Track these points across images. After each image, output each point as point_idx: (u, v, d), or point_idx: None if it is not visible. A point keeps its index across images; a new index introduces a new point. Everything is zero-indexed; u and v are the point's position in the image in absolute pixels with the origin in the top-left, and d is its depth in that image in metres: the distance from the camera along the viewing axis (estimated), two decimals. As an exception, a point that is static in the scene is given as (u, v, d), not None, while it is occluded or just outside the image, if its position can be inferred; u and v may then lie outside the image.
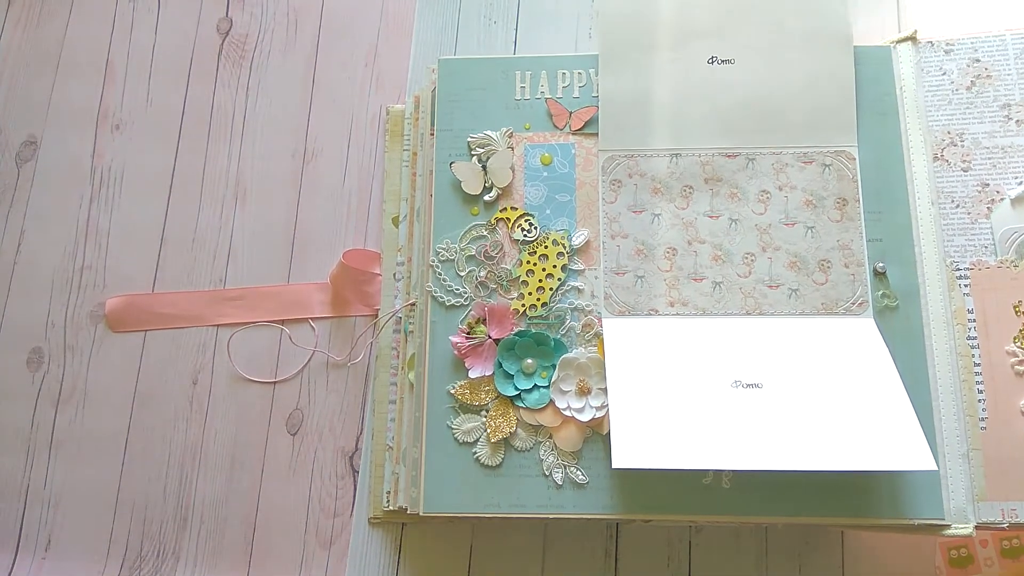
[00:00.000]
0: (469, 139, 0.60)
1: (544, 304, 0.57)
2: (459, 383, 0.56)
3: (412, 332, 0.61)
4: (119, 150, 0.73)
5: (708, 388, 0.52)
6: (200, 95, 0.73)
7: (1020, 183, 0.57)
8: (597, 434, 0.54)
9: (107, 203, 0.72)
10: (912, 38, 0.60)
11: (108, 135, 0.73)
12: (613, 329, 0.55)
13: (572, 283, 0.58)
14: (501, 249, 0.59)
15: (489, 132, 0.60)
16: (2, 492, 0.67)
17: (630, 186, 0.58)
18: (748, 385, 0.52)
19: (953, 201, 0.57)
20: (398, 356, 0.63)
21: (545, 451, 0.55)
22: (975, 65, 0.59)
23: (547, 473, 0.54)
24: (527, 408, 0.55)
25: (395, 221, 0.67)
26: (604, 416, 0.54)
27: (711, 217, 0.58)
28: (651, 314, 0.56)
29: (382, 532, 0.63)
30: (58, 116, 0.74)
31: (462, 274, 0.58)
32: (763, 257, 0.57)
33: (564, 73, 0.61)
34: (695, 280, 0.57)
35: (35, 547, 0.66)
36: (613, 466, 0.48)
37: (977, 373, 0.54)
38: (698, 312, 0.56)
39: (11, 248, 0.72)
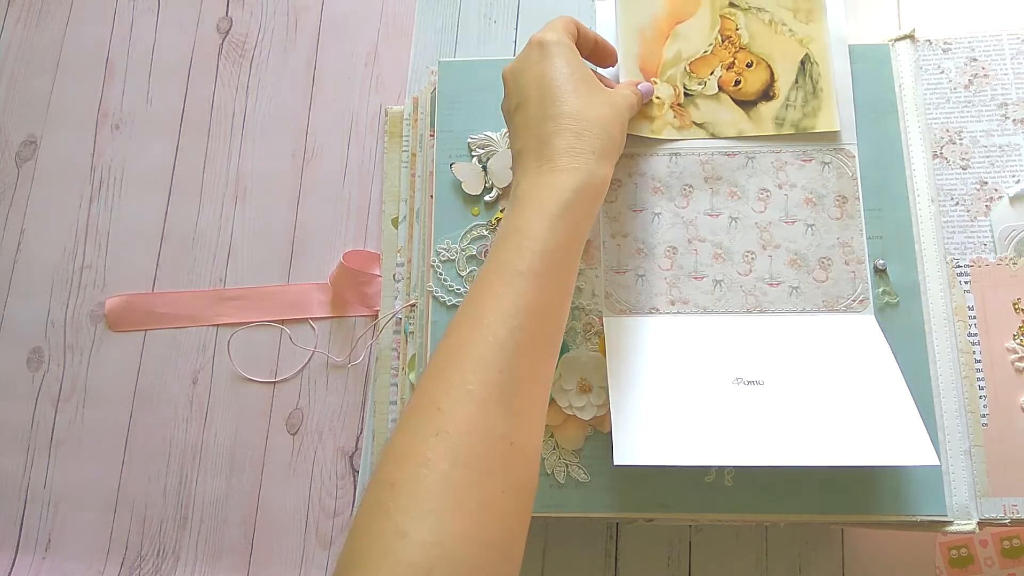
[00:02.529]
0: (469, 140, 0.61)
1: (545, 303, 0.57)
2: (460, 382, 0.56)
3: (412, 333, 0.61)
4: (119, 149, 0.73)
5: (709, 385, 0.52)
6: (200, 94, 0.74)
7: (1018, 181, 0.57)
8: (599, 432, 0.54)
9: (107, 203, 0.72)
10: (910, 36, 0.60)
11: (108, 134, 0.73)
12: (614, 328, 0.55)
13: (573, 282, 0.58)
14: (502, 248, 0.59)
15: (489, 133, 0.61)
16: (2, 492, 0.67)
17: (630, 185, 0.59)
18: (749, 382, 0.52)
19: (952, 199, 0.57)
20: (399, 357, 0.63)
21: (547, 449, 0.55)
22: (972, 64, 0.59)
23: (549, 472, 0.54)
24: (528, 406, 0.55)
25: (394, 222, 0.67)
26: (606, 414, 0.54)
27: (711, 216, 0.58)
28: (652, 313, 0.56)
29: (382, 532, 0.63)
30: (58, 116, 0.74)
31: (463, 274, 0.58)
32: (763, 255, 0.57)
33: (564, 73, 0.61)
34: (696, 279, 0.57)
35: (35, 547, 0.66)
36: (614, 463, 0.48)
37: (978, 370, 0.54)
38: (699, 310, 0.56)
39: (11, 248, 0.72)
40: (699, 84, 0.58)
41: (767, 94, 0.58)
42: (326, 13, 0.74)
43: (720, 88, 0.58)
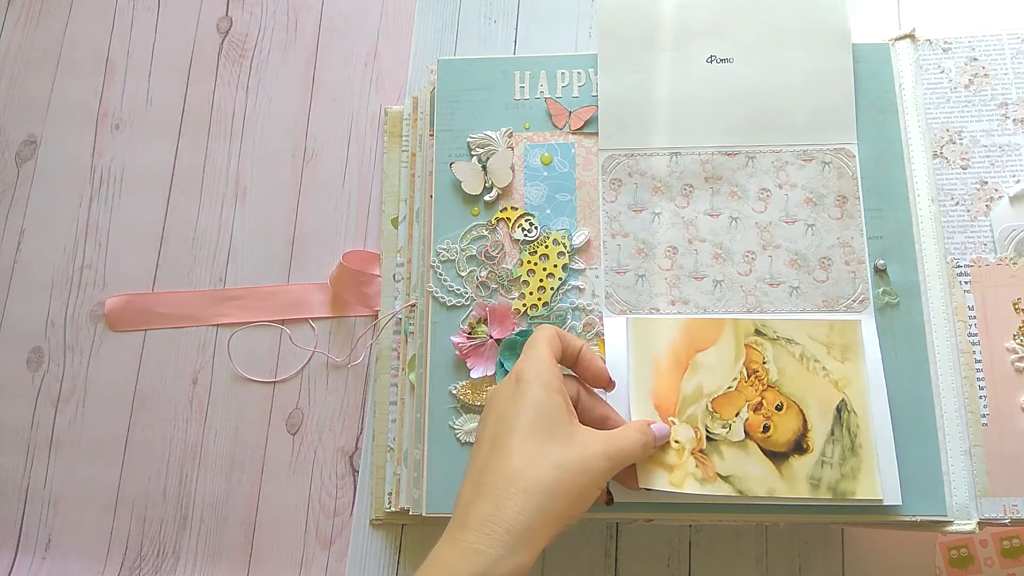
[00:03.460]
0: (469, 139, 0.60)
1: (545, 304, 0.57)
2: (461, 383, 0.56)
3: (412, 333, 0.61)
4: (119, 149, 0.73)
5: None
6: (200, 94, 0.73)
7: (1018, 181, 0.57)
8: (599, 432, 0.55)
9: (107, 202, 0.72)
10: (911, 36, 0.60)
11: (108, 134, 0.73)
12: (614, 328, 0.55)
13: (573, 282, 0.58)
14: (502, 249, 0.59)
15: (489, 132, 0.60)
16: (2, 492, 0.67)
17: (630, 185, 0.59)
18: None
19: (952, 198, 0.57)
20: (398, 357, 0.63)
21: (546, 450, 0.55)
22: (972, 64, 0.59)
23: (549, 472, 0.54)
24: (529, 407, 0.56)
25: (394, 222, 0.67)
26: (606, 415, 0.54)
27: (711, 216, 0.58)
28: (652, 313, 0.56)
29: (382, 532, 0.63)
30: (58, 115, 0.74)
31: (463, 274, 0.58)
32: (764, 255, 0.57)
33: (563, 73, 0.61)
34: (696, 279, 0.57)
35: (35, 547, 0.66)
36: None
37: (978, 370, 0.54)
38: (699, 311, 0.56)
39: (11, 248, 0.72)
40: (723, 427, 0.51)
41: (800, 446, 0.50)
42: (326, 13, 0.74)
43: (747, 434, 0.51)
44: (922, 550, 0.59)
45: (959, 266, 0.56)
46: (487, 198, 0.60)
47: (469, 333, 0.57)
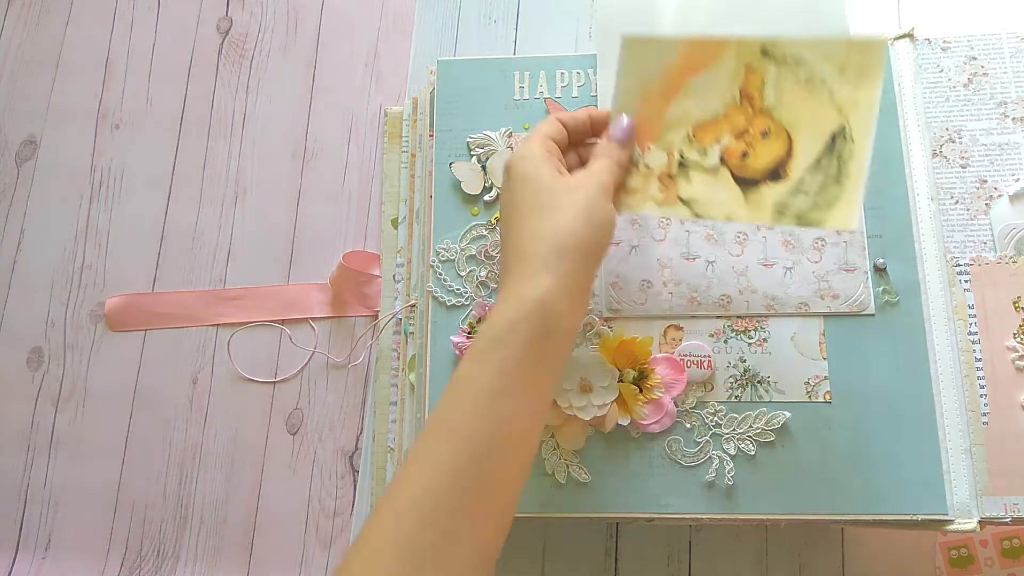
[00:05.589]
0: (468, 139, 0.61)
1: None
2: (460, 382, 0.56)
3: (412, 333, 0.61)
4: (119, 150, 0.73)
5: None
6: (200, 94, 0.74)
7: (1017, 180, 0.57)
8: (599, 432, 0.54)
9: (107, 203, 0.72)
10: (909, 35, 0.60)
11: (108, 134, 0.73)
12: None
13: (572, 281, 0.57)
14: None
15: (488, 132, 0.61)
16: (2, 492, 0.67)
17: (630, 184, 0.58)
18: None
19: (952, 197, 0.57)
20: (399, 357, 0.63)
21: (547, 449, 0.55)
22: (972, 63, 0.59)
23: (549, 472, 0.54)
24: (528, 406, 0.55)
25: (394, 223, 0.67)
26: (606, 414, 0.54)
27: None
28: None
29: (382, 532, 0.63)
30: (58, 116, 0.74)
31: (463, 274, 0.58)
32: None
33: (563, 73, 0.62)
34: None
35: (35, 547, 0.66)
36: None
37: (979, 368, 0.54)
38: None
39: (11, 248, 0.72)
40: (699, 153, 0.48)
41: (776, 173, 0.47)
42: (326, 13, 0.74)
43: (722, 160, 0.48)
44: (922, 550, 0.59)
45: (959, 265, 0.56)
46: (487, 198, 0.60)
47: (469, 333, 0.57)
